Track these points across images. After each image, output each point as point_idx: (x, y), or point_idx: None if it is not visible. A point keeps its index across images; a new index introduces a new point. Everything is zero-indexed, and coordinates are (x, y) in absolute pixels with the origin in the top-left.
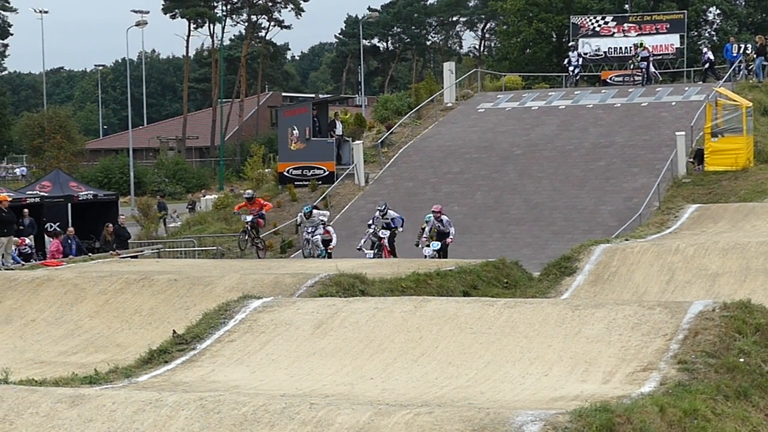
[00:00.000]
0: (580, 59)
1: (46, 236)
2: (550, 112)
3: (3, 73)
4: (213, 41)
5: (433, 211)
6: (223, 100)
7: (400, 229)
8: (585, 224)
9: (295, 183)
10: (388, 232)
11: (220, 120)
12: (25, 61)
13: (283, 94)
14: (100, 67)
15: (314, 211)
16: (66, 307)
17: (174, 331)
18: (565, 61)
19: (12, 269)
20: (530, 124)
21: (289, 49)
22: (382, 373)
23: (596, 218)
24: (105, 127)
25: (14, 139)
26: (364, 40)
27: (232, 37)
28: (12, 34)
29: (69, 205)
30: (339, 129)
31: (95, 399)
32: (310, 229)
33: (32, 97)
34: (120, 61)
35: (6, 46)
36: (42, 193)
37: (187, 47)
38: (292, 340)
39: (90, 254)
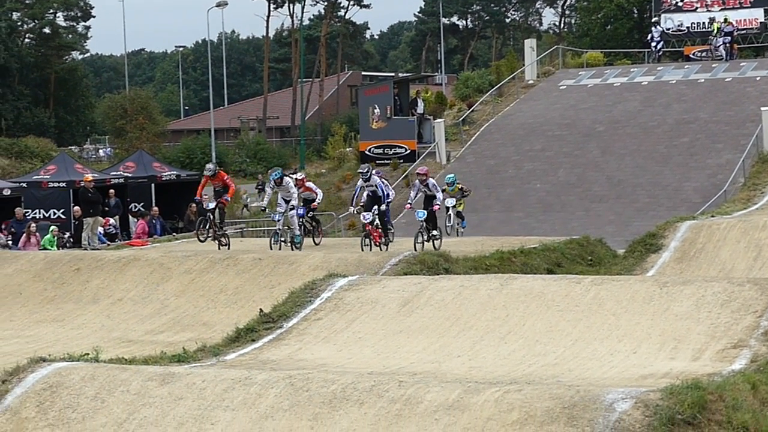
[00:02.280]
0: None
1: (130, 216)
2: (632, 89)
3: (85, 55)
4: (293, 21)
5: (418, 173)
6: (303, 79)
7: (383, 207)
8: (669, 201)
9: (377, 162)
10: (370, 215)
11: (301, 100)
12: (107, 43)
13: (363, 73)
14: (181, 48)
15: (285, 178)
16: (152, 286)
17: (260, 309)
18: (648, 37)
19: (98, 249)
20: (612, 100)
21: (369, 28)
22: (469, 350)
23: (680, 195)
24: (186, 107)
25: (97, 120)
26: (443, 18)
27: (312, 17)
28: (94, 17)
29: (153, 185)
30: (420, 107)
31: (185, 377)
32: (279, 213)
33: (114, 78)
34: (200, 41)
35: (88, 28)
36: (126, 174)
37: (267, 27)
38: (379, 318)
39: (174, 234)
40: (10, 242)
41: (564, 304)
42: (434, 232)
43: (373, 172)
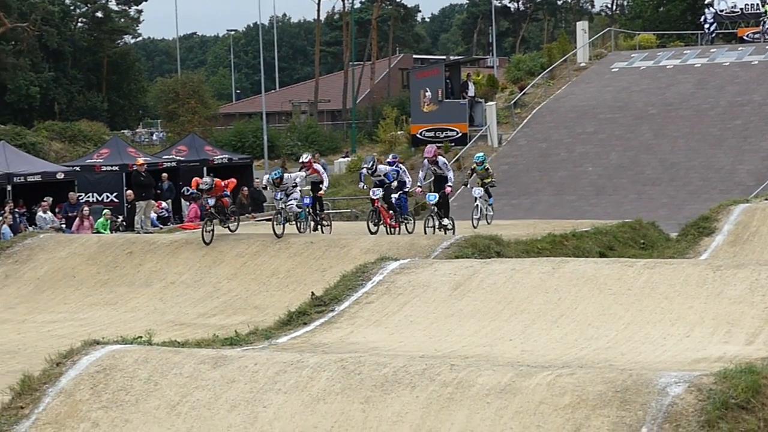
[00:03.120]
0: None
1: (183, 200)
2: (685, 71)
3: (137, 39)
4: (344, 4)
5: (426, 157)
6: (355, 63)
7: (396, 194)
8: (722, 184)
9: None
10: (380, 191)
11: (352, 83)
12: (159, 27)
13: (414, 56)
14: (232, 32)
15: (285, 175)
16: (204, 269)
17: (312, 293)
18: (701, 19)
19: (151, 233)
20: (665, 83)
21: (420, 11)
22: (521, 334)
23: (734, 178)
24: (238, 91)
25: (149, 104)
26: (495, 1)
27: (363, 0)
28: (146, 0)
29: (205, 168)
30: (471, 90)
31: (237, 360)
32: (279, 195)
33: (166, 62)
34: (252, 25)
35: (140, 12)
36: (178, 158)
37: (318, 11)
38: (430, 302)
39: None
40: (63, 226)
41: (616, 287)
42: (445, 221)
43: (389, 158)
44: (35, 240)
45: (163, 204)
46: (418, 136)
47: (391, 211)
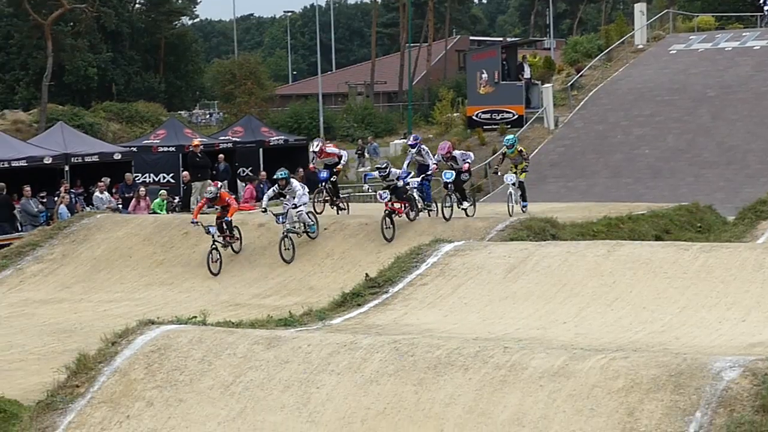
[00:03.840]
0: None
1: (238, 181)
2: (744, 53)
3: (195, 20)
4: None
5: (440, 154)
6: (411, 44)
7: (431, 170)
8: None
9: (484, 127)
10: (387, 194)
11: (408, 64)
12: (216, 8)
13: (471, 37)
14: (289, 14)
15: (293, 181)
16: (259, 250)
17: (366, 274)
18: (760, 1)
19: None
20: (724, 65)
21: None
22: (575, 317)
23: None
24: (294, 72)
25: (206, 85)
26: None
27: None
28: None
29: (261, 150)
30: (527, 72)
31: (291, 341)
32: (288, 204)
33: (223, 43)
34: (309, 6)
35: None
36: (234, 139)
37: None
38: (484, 284)
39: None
40: (120, 206)
41: (672, 271)
42: (465, 204)
43: (410, 140)
44: (92, 220)
45: (219, 184)
46: (474, 118)
47: (401, 207)
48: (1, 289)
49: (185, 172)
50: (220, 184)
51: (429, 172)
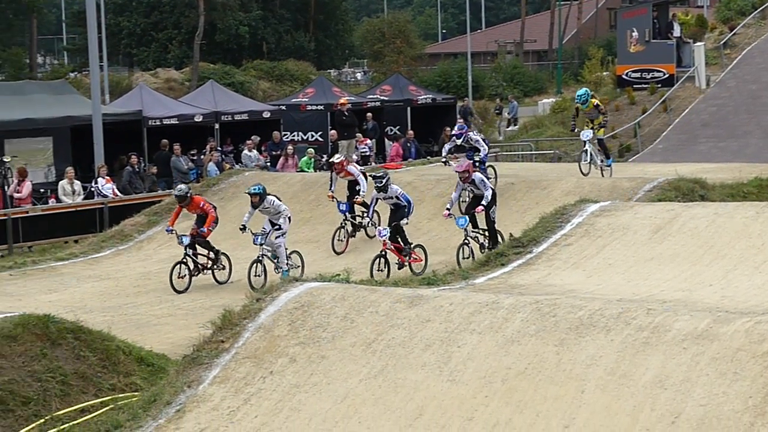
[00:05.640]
0: None
1: (386, 139)
2: None
3: None
4: None
5: (457, 171)
6: (562, 2)
7: (405, 221)
8: None
9: (634, 86)
10: (387, 231)
11: (558, 23)
12: None
13: None
14: None
15: (268, 197)
16: None
17: (511, 234)
18: None
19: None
20: None
21: None
22: (721, 279)
23: None
24: (444, 31)
25: (355, 44)
26: None
27: None
28: None
29: (408, 108)
30: (677, 30)
31: (433, 300)
32: (266, 227)
33: (373, 2)
34: None
35: None
36: (382, 97)
37: None
38: (630, 245)
39: (428, 158)
40: (268, 164)
41: None
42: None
43: (455, 130)
44: (240, 178)
45: (368, 141)
46: (623, 77)
47: (394, 248)
48: (152, 245)
49: (333, 131)
50: (368, 141)
51: (482, 158)
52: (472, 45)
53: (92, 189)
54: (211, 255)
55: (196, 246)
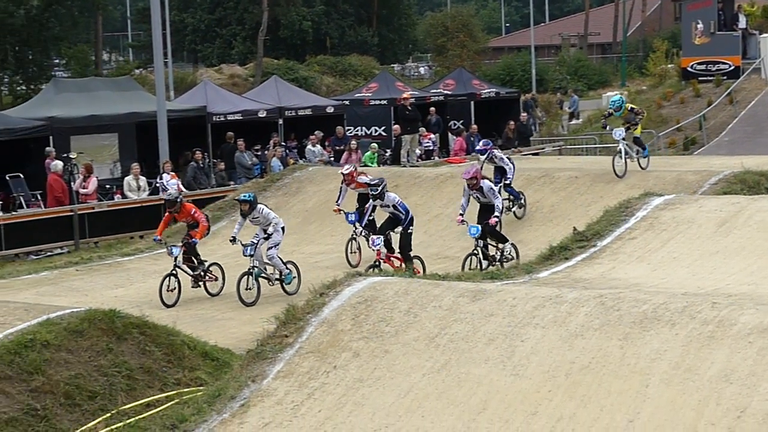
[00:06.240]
0: None
1: (449, 134)
2: None
3: None
4: None
5: (464, 178)
6: None
7: (406, 230)
8: None
9: (699, 78)
10: (381, 240)
11: (623, 15)
12: None
13: None
14: None
15: (258, 206)
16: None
17: (574, 228)
18: None
19: (417, 166)
20: None
21: None
22: None
23: None
24: (507, 24)
25: (419, 38)
26: None
27: None
28: None
29: (471, 102)
30: (742, 22)
31: (496, 294)
32: (260, 235)
33: None
34: None
35: None
36: (445, 92)
37: None
38: (694, 238)
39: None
40: (332, 159)
41: None
42: (507, 248)
43: (479, 145)
44: (304, 173)
45: (431, 136)
46: (688, 69)
47: (388, 255)
48: (217, 241)
49: (396, 126)
50: (432, 135)
51: (509, 178)
52: (536, 38)
53: (157, 185)
54: (198, 266)
55: (192, 258)
